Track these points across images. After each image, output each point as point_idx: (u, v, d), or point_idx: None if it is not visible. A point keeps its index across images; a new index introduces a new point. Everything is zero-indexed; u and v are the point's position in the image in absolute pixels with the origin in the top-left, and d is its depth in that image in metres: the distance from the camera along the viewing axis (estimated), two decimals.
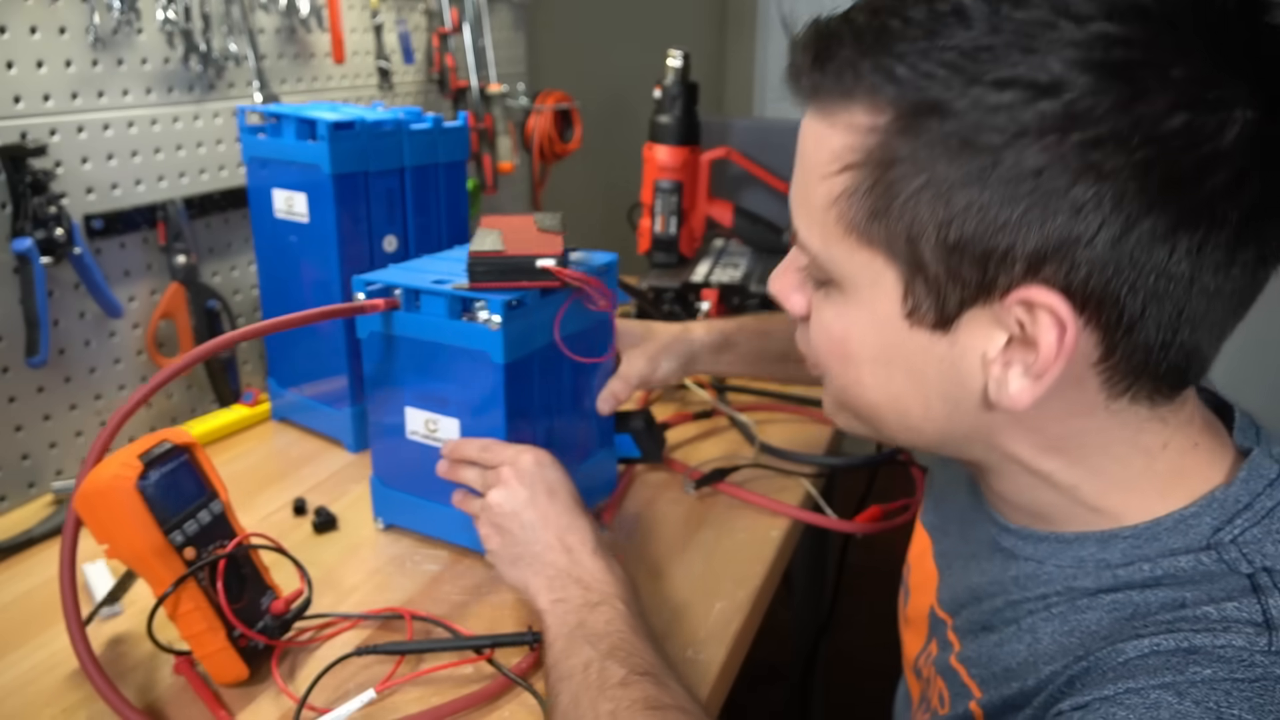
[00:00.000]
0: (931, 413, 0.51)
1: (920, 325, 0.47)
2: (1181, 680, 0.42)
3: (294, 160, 0.96)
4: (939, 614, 0.65)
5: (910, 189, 0.44)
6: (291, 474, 0.98)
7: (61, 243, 0.90)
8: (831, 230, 0.48)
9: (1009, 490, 0.55)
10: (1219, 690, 0.41)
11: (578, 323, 0.82)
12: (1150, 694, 0.42)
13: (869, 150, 0.45)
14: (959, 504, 0.66)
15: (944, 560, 0.66)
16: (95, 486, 0.62)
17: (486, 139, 1.49)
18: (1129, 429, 0.49)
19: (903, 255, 0.46)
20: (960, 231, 0.44)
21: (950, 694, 0.60)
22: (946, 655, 0.61)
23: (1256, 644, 0.42)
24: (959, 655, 0.60)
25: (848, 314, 0.50)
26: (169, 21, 1.01)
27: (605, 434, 0.91)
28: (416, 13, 1.40)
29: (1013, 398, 0.46)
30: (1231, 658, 0.42)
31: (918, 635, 0.69)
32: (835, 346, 0.52)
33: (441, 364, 0.78)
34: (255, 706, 0.66)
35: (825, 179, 0.47)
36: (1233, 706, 0.40)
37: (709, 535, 0.88)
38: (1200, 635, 0.43)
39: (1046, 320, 0.44)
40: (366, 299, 0.78)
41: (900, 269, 0.47)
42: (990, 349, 0.46)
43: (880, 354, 0.50)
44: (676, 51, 1.32)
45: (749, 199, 1.47)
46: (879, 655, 1.81)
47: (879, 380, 0.51)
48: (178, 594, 0.64)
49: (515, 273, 0.74)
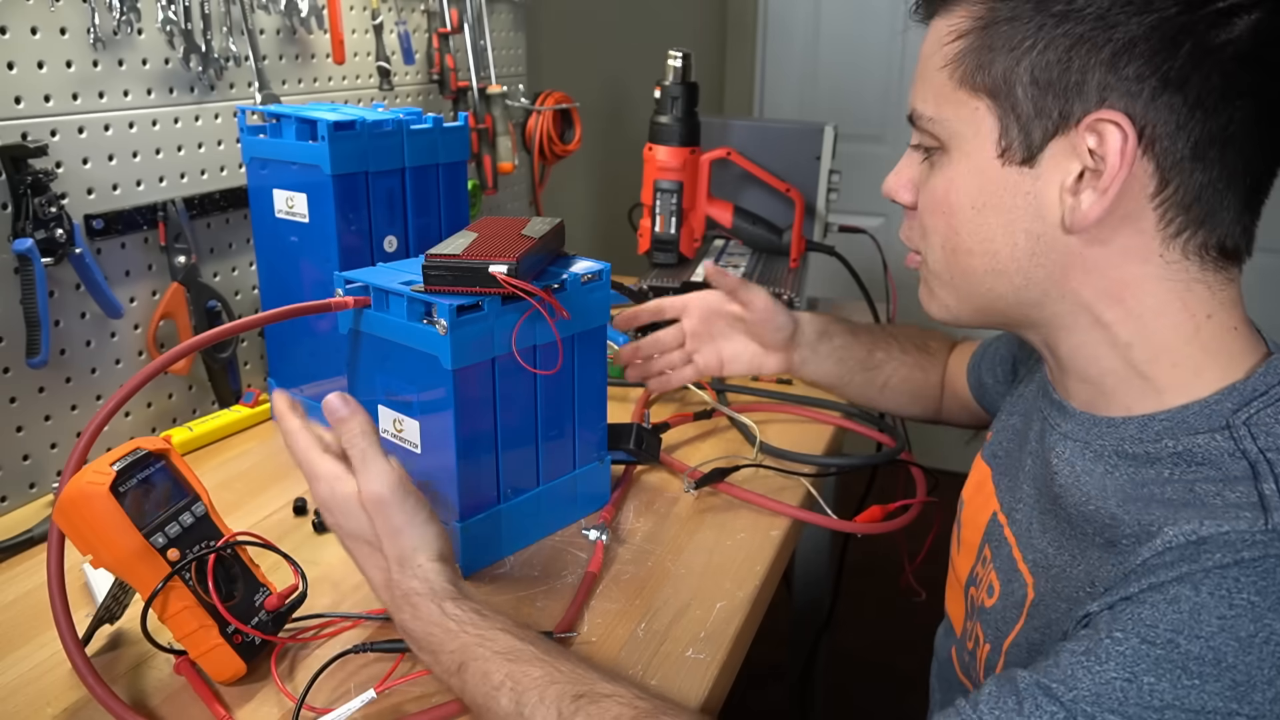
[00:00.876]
0: (1017, 250, 0.60)
1: (1010, 163, 0.58)
2: (1196, 570, 0.48)
3: (294, 160, 0.96)
4: (999, 519, 0.71)
5: (1007, 40, 0.56)
6: (292, 474, 0.98)
7: (62, 243, 0.90)
8: (945, 88, 0.60)
9: (1074, 354, 0.62)
10: (1229, 577, 0.47)
11: (564, 330, 0.81)
12: (1169, 589, 0.48)
13: (977, 16, 0.58)
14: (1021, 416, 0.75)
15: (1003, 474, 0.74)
16: (70, 497, 0.63)
17: (487, 139, 1.49)
18: (1179, 284, 0.57)
19: (1001, 95, 0.57)
20: (1045, 69, 0.55)
21: (1002, 584, 0.67)
22: (1004, 550, 0.68)
23: (1256, 525, 0.48)
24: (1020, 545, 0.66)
25: (951, 169, 0.61)
26: (169, 22, 1.01)
27: (597, 446, 0.91)
28: (416, 13, 1.40)
29: (1085, 214, 0.56)
30: (1235, 540, 0.48)
31: (968, 556, 0.75)
32: (940, 202, 0.62)
33: (404, 365, 0.78)
34: (254, 706, 0.66)
35: (942, 49, 0.60)
36: (1242, 590, 0.47)
37: (709, 535, 0.88)
38: (1206, 524, 0.49)
39: (1113, 136, 0.54)
40: (348, 297, 0.78)
41: (999, 111, 0.58)
42: (1067, 178, 0.56)
43: (976, 199, 0.60)
44: (676, 52, 1.32)
45: (749, 199, 1.47)
46: (879, 655, 1.82)
47: (973, 225, 0.61)
48: (165, 595, 0.64)
49: (468, 278, 0.74)
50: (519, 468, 0.84)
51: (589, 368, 0.87)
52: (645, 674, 0.70)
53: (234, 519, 0.87)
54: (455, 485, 0.78)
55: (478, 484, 0.80)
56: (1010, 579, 0.66)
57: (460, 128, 1.04)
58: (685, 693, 0.68)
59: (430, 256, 0.74)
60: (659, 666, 0.70)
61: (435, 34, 1.42)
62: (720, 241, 1.53)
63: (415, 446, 0.80)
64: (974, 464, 0.81)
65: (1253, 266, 0.59)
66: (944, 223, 0.62)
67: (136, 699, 0.67)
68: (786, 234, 1.40)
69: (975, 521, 0.75)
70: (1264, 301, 2.39)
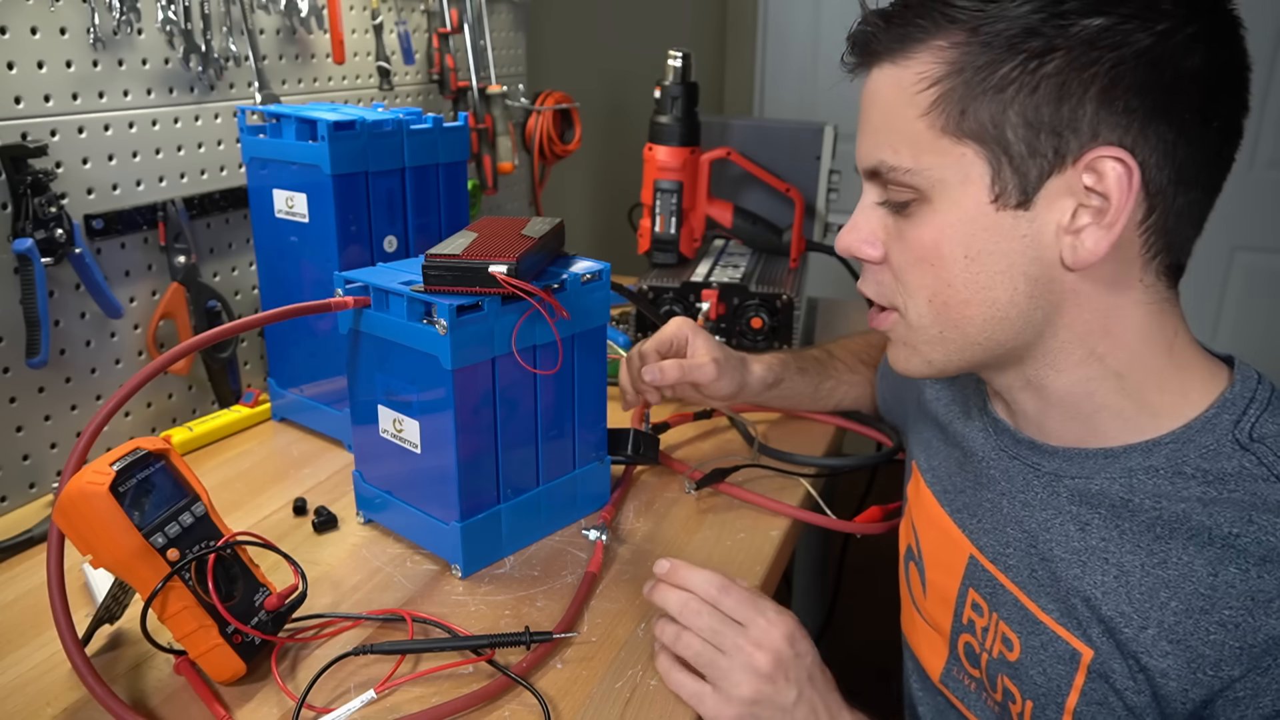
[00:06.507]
0: (1016, 295, 0.58)
1: (1005, 208, 0.57)
2: None
3: (294, 160, 0.96)
4: (982, 563, 0.69)
5: (989, 83, 0.55)
6: (292, 474, 0.98)
7: (62, 243, 0.90)
8: (923, 139, 0.57)
9: (1069, 391, 0.62)
10: None
11: (563, 330, 0.81)
12: None
13: (953, 61, 0.55)
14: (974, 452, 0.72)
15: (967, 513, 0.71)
16: (70, 497, 0.63)
17: (486, 139, 1.48)
18: (1154, 306, 0.59)
19: (991, 140, 0.55)
20: (1035, 110, 0.54)
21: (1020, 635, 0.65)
22: (1006, 597, 0.66)
23: None
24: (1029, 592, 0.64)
25: (937, 219, 0.59)
26: (169, 22, 1.01)
27: (597, 447, 0.91)
28: (416, 13, 1.40)
29: (1091, 251, 0.55)
30: None
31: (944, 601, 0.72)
32: (927, 254, 0.60)
33: (403, 365, 0.78)
34: (254, 706, 0.66)
35: (914, 98, 0.57)
36: None
37: (709, 535, 0.88)
38: None
39: (1113, 172, 0.54)
40: (348, 297, 0.78)
41: (989, 156, 0.56)
42: (1063, 218, 0.56)
43: (970, 247, 0.58)
44: (676, 52, 1.32)
45: (749, 199, 1.47)
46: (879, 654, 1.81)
47: (969, 275, 0.59)
48: (165, 595, 0.64)
49: (468, 278, 0.74)
50: (519, 468, 0.84)
51: (589, 368, 0.87)
52: (645, 674, 0.70)
53: (234, 519, 0.87)
54: (455, 485, 0.78)
55: (478, 484, 0.80)
56: (1032, 632, 0.64)
57: (460, 128, 1.04)
58: None
59: (430, 256, 0.74)
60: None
61: (435, 34, 1.42)
62: (720, 241, 1.52)
63: (415, 446, 0.80)
64: (910, 490, 0.79)
65: (1253, 266, 0.60)
66: (933, 276, 0.60)
67: (136, 699, 0.67)
68: (786, 234, 1.40)
69: (945, 564, 0.73)
70: (1264, 301, 2.40)
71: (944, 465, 0.76)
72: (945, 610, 0.73)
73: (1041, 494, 0.65)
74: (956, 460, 0.75)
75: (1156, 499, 0.58)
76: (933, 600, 0.75)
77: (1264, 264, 2.26)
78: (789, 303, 1.23)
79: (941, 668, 0.74)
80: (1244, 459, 0.56)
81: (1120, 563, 0.59)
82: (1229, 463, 0.57)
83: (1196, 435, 0.58)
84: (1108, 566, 0.59)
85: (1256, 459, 0.56)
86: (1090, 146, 0.54)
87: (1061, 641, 0.62)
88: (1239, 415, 0.58)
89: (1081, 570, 0.61)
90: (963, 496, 0.73)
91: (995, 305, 0.59)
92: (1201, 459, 0.58)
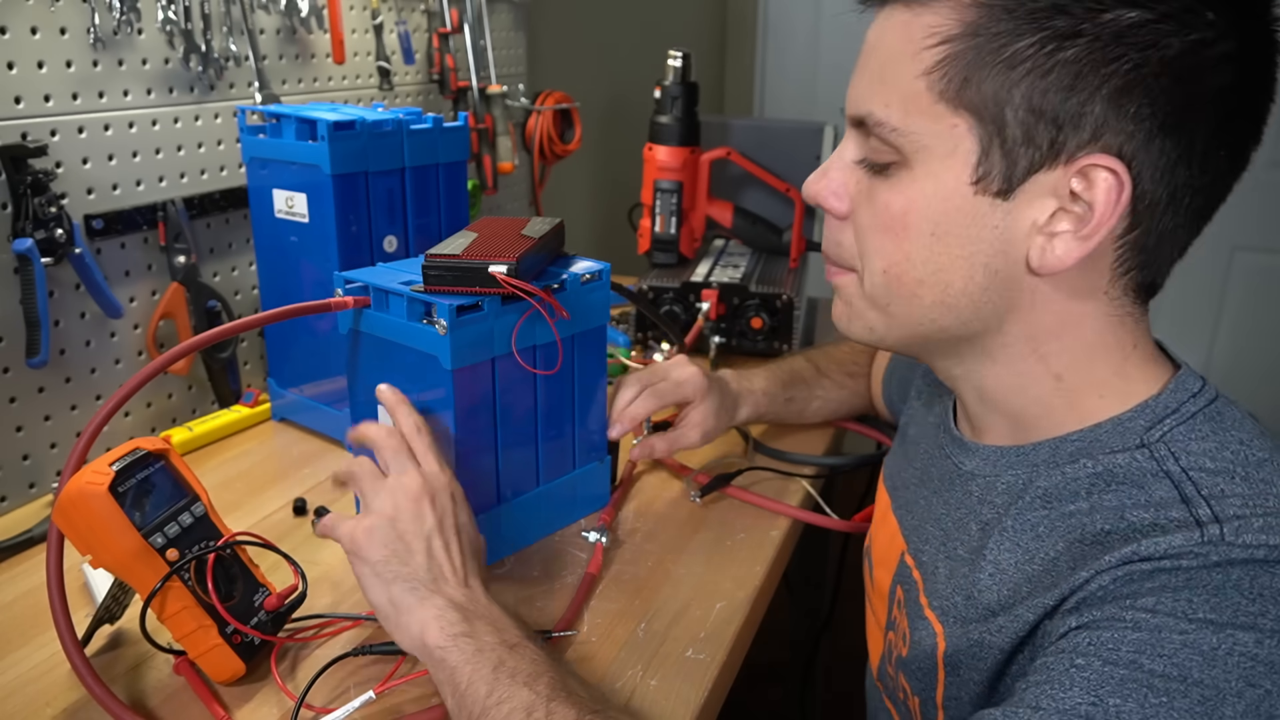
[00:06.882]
0: (971, 285, 0.56)
1: (984, 193, 0.53)
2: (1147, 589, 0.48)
3: (294, 160, 0.96)
4: (907, 561, 0.68)
5: (1002, 55, 0.51)
6: (292, 474, 0.98)
7: (62, 243, 0.90)
8: (919, 100, 0.53)
9: (1000, 385, 0.60)
10: (1182, 595, 0.47)
11: (563, 330, 0.81)
12: (1125, 613, 0.48)
13: (969, 22, 0.51)
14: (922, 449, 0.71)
15: (905, 509, 0.71)
16: (70, 497, 0.63)
17: (486, 139, 1.48)
18: (1114, 319, 0.56)
19: (988, 117, 0.52)
20: (1043, 95, 0.50)
21: (912, 630, 0.64)
22: (913, 594, 0.65)
23: (1192, 539, 0.49)
24: (925, 590, 0.64)
25: (912, 188, 0.55)
26: (169, 22, 1.01)
27: (597, 448, 0.91)
28: (416, 13, 1.40)
29: (1060, 258, 0.53)
30: (1177, 553, 0.48)
31: (882, 598, 0.72)
32: (893, 222, 0.56)
33: (403, 365, 0.78)
34: (254, 706, 0.66)
35: (918, 53, 0.53)
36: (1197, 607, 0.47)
37: (709, 536, 0.88)
38: (1145, 544, 0.49)
39: (1105, 183, 0.51)
40: (348, 297, 0.78)
41: (981, 134, 0.52)
42: (1040, 216, 0.53)
43: (938, 225, 0.55)
44: (677, 52, 1.32)
45: (749, 199, 1.47)
46: None
47: (929, 254, 0.56)
48: (164, 596, 0.64)
49: (468, 277, 0.73)
50: (519, 468, 0.84)
51: (589, 368, 0.87)
52: (645, 674, 0.70)
53: (234, 519, 0.87)
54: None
55: (477, 484, 0.80)
56: (915, 625, 0.64)
57: (460, 128, 1.04)
58: (685, 693, 0.68)
59: (430, 256, 0.74)
60: (659, 667, 0.70)
61: (435, 34, 1.42)
62: (720, 241, 1.53)
63: None
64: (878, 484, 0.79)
65: (1253, 266, 0.60)
66: (894, 246, 0.57)
67: (136, 699, 0.67)
68: (786, 234, 1.40)
69: (885, 560, 0.73)
70: (1264, 301, 2.40)
71: (896, 460, 0.76)
72: (883, 607, 0.73)
73: (959, 493, 0.64)
74: (906, 456, 0.75)
75: (1046, 493, 0.57)
76: (875, 596, 0.75)
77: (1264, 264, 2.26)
78: (789, 303, 1.23)
79: (878, 665, 0.74)
80: (1139, 456, 0.54)
81: (997, 560, 0.58)
82: (1122, 458, 0.55)
83: (1105, 435, 0.56)
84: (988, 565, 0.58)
85: (1153, 459, 0.54)
86: (1088, 148, 0.51)
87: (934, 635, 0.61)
88: (1154, 421, 0.55)
89: (969, 570, 0.60)
90: (906, 493, 0.72)
91: (948, 290, 0.56)
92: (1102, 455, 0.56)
